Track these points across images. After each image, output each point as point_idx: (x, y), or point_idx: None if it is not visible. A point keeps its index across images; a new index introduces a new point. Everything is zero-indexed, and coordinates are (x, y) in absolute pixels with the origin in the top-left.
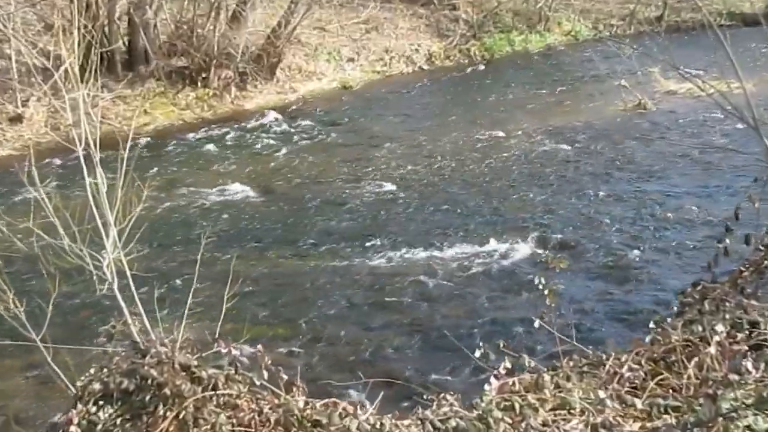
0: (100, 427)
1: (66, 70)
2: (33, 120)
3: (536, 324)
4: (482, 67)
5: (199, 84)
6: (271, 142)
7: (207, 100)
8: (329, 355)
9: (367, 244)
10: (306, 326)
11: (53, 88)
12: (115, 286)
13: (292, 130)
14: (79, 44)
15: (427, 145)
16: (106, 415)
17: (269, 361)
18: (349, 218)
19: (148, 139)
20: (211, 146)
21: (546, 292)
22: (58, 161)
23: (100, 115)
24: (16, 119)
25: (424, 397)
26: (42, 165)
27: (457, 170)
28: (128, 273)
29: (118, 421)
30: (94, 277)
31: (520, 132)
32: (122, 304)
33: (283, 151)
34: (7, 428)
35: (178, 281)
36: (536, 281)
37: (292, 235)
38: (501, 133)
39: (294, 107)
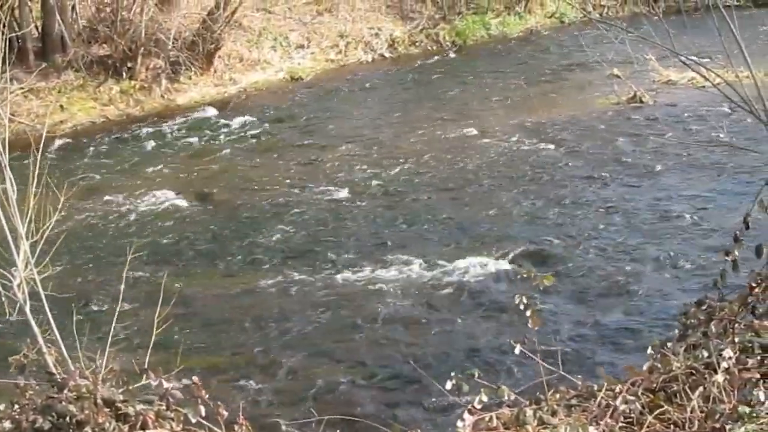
0: None
1: None
2: None
3: (517, 350)
4: (453, 55)
5: (124, 75)
6: (208, 142)
7: (133, 94)
8: (276, 388)
9: (319, 260)
10: (249, 355)
11: None
12: (28, 309)
13: (232, 128)
14: None
15: (389, 146)
16: None
17: (207, 396)
18: (297, 230)
19: (66, 139)
20: (138, 147)
21: (528, 313)
22: None
23: (8, 111)
24: None
25: None
26: None
27: (423, 174)
28: (42, 294)
29: None
30: (3, 299)
31: (496, 129)
32: (35, 329)
33: (222, 153)
34: None
35: (100, 303)
36: (516, 301)
37: (231, 249)
38: (474, 131)
39: (234, 102)
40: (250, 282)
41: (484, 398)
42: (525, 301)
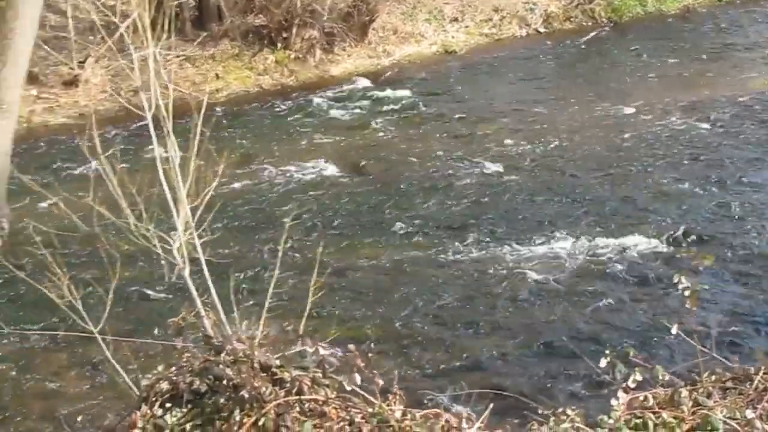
0: None
1: (133, 25)
2: (90, 84)
3: (673, 330)
4: (608, 31)
5: (278, 45)
6: (361, 113)
7: (288, 64)
8: (428, 360)
9: (471, 233)
10: (401, 326)
11: (115, 47)
12: (187, 273)
13: (386, 100)
14: None
15: (542, 121)
16: (174, 419)
17: (362, 364)
18: (450, 204)
19: (221, 107)
20: (292, 118)
21: (686, 293)
22: (117, 130)
23: (171, 79)
24: (71, 83)
25: (540, 411)
26: (100, 134)
27: (576, 151)
28: (202, 258)
29: (188, 426)
30: (163, 262)
31: (651, 107)
32: (194, 293)
33: (375, 124)
34: None
35: (257, 269)
36: (675, 280)
37: (384, 221)
38: (629, 109)
39: (388, 74)
40: (403, 254)
41: (638, 377)
42: (684, 281)
